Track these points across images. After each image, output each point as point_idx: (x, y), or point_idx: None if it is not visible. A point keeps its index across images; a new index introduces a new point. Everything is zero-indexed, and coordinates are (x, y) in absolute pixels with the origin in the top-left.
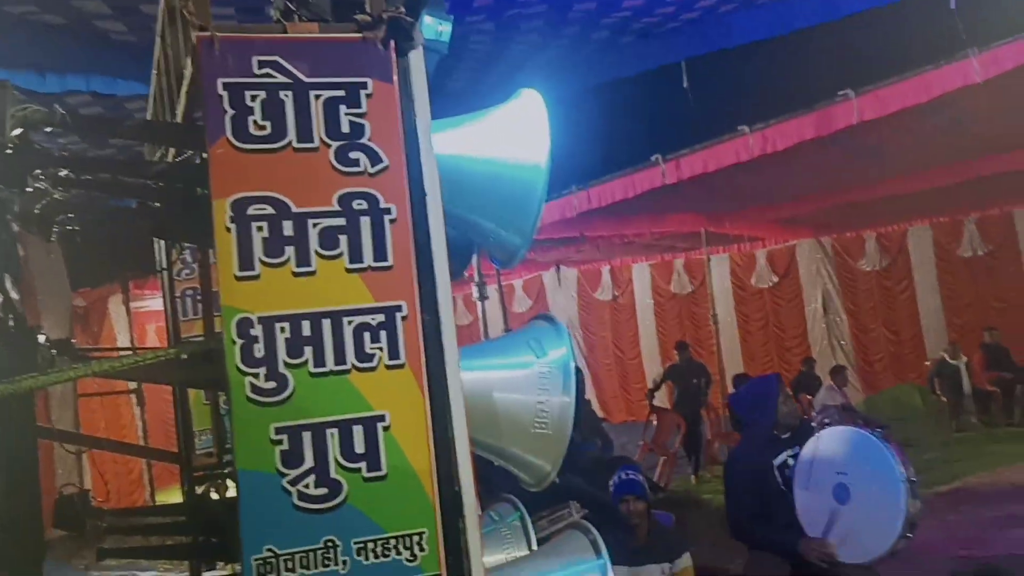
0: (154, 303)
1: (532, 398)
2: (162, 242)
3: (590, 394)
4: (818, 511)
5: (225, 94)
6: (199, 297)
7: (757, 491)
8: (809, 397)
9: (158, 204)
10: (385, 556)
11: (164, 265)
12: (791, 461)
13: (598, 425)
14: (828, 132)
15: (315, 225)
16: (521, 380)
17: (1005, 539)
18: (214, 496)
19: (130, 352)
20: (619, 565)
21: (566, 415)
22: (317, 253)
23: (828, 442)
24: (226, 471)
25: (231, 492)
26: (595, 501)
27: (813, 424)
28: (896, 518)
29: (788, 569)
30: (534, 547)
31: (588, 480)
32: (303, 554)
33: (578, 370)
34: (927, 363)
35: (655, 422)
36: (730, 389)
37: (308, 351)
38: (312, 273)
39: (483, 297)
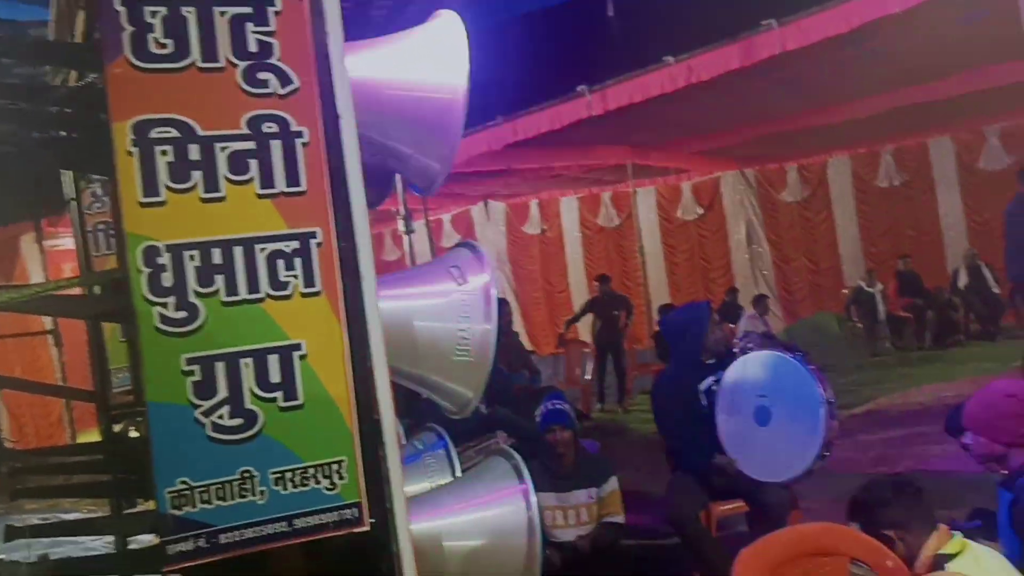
0: (69, 241)
1: (453, 326)
2: (70, 173)
3: (518, 326)
4: (740, 433)
5: (123, 10)
6: (112, 232)
7: (683, 413)
8: (732, 325)
9: (62, 133)
10: (304, 485)
11: (72, 195)
12: (715, 386)
13: (526, 357)
14: (752, 62)
15: (223, 149)
16: (442, 308)
17: (912, 455)
18: (133, 434)
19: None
20: (546, 492)
21: (488, 342)
22: (226, 178)
23: (749, 366)
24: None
25: None
26: (523, 430)
27: (735, 350)
28: (814, 439)
29: (710, 487)
30: (458, 475)
31: (516, 410)
32: (219, 486)
33: (505, 302)
34: (845, 291)
35: (564, 354)
36: (656, 320)
37: (219, 280)
38: (221, 199)
39: (409, 231)
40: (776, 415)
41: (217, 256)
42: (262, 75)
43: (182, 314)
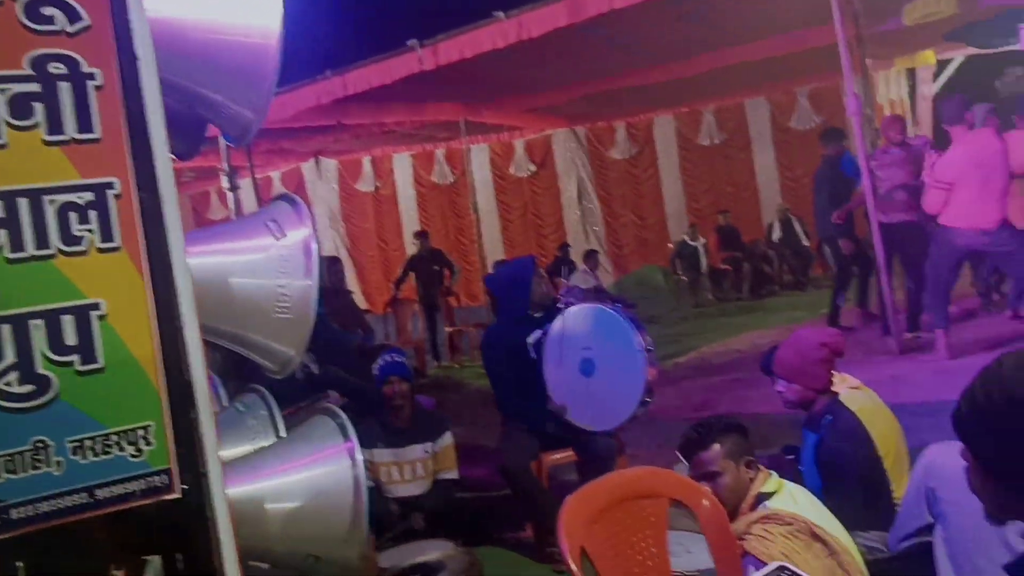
0: None
1: (271, 282)
2: None
3: (352, 285)
4: (567, 384)
5: None
6: None
7: (512, 367)
8: (562, 280)
9: None
10: (106, 453)
11: None
12: (543, 339)
13: (360, 316)
14: (580, 20)
15: (3, 91)
16: (259, 263)
17: (731, 400)
18: None
19: None
20: (382, 448)
21: (309, 298)
22: (8, 123)
23: (573, 319)
24: None
25: None
26: (357, 389)
27: (560, 304)
28: (636, 386)
29: (539, 441)
30: (282, 436)
31: (350, 369)
32: (8, 457)
33: (337, 260)
34: (670, 245)
35: (393, 314)
36: None
37: (3, 234)
38: (3, 146)
39: (233, 187)
40: (600, 366)
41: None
42: (46, 10)
43: None
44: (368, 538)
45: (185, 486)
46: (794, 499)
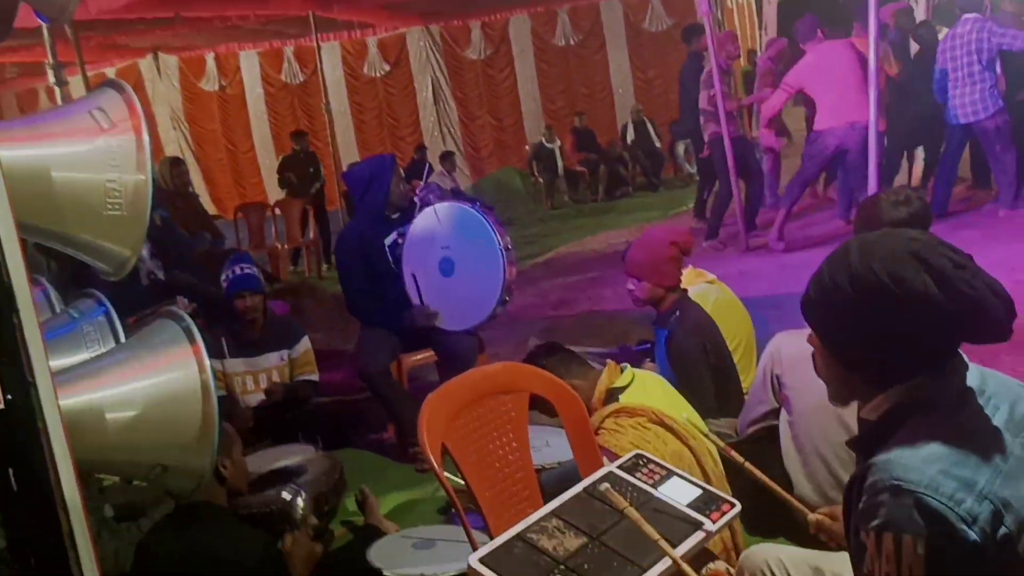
0: None
1: (99, 176)
2: None
3: (200, 188)
4: (426, 285)
5: None
6: None
7: (368, 269)
8: (420, 182)
9: None
10: None
11: None
12: (401, 240)
13: (208, 219)
14: None
15: None
16: (84, 156)
17: (587, 298)
18: None
19: None
20: (235, 358)
21: (142, 194)
22: None
23: (431, 218)
24: None
25: None
26: (206, 295)
27: (416, 202)
28: (496, 285)
29: (398, 343)
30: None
31: (198, 275)
32: None
33: (180, 160)
34: (527, 147)
35: (279, 213)
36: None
37: None
38: None
39: (61, 82)
40: (459, 265)
41: None
42: None
43: None
44: (225, 443)
45: (9, 396)
46: (646, 389)
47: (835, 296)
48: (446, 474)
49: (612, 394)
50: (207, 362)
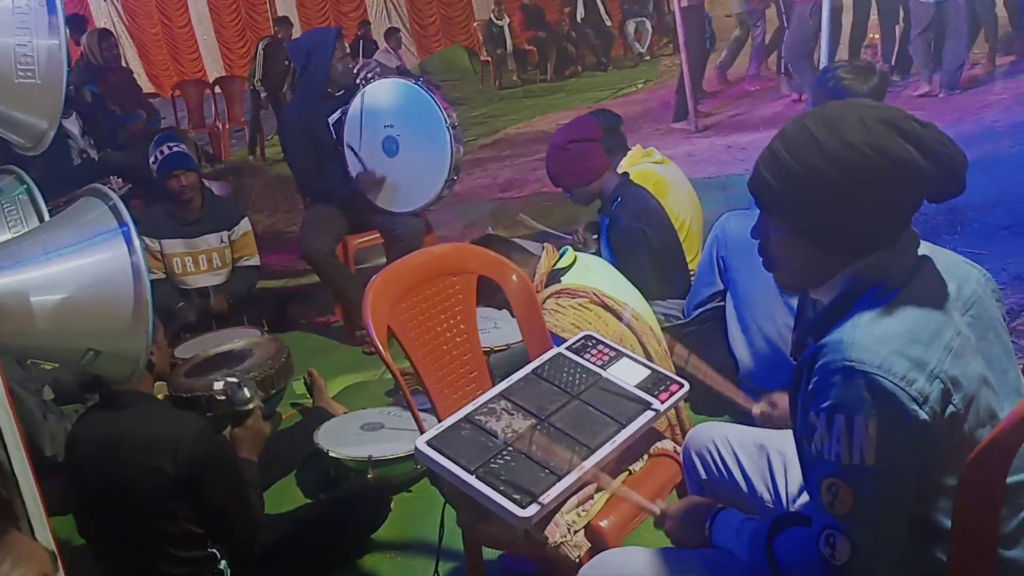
0: None
1: (8, 40)
2: None
3: (135, 64)
4: (369, 164)
5: None
6: None
7: (313, 146)
8: (365, 59)
9: None
10: None
11: None
12: (343, 118)
13: (142, 96)
14: None
15: None
16: None
17: (536, 179)
18: None
19: None
20: (173, 238)
21: (57, 60)
22: None
23: (373, 96)
24: None
25: None
26: (140, 175)
27: (357, 80)
28: (443, 164)
29: (344, 224)
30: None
31: (133, 154)
32: None
33: (108, 33)
34: (475, 24)
35: (220, 91)
36: None
37: None
38: None
39: None
40: (404, 144)
41: None
42: None
43: None
44: (155, 328)
45: None
46: (588, 271)
47: (805, 177)
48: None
49: (555, 276)
50: (137, 242)
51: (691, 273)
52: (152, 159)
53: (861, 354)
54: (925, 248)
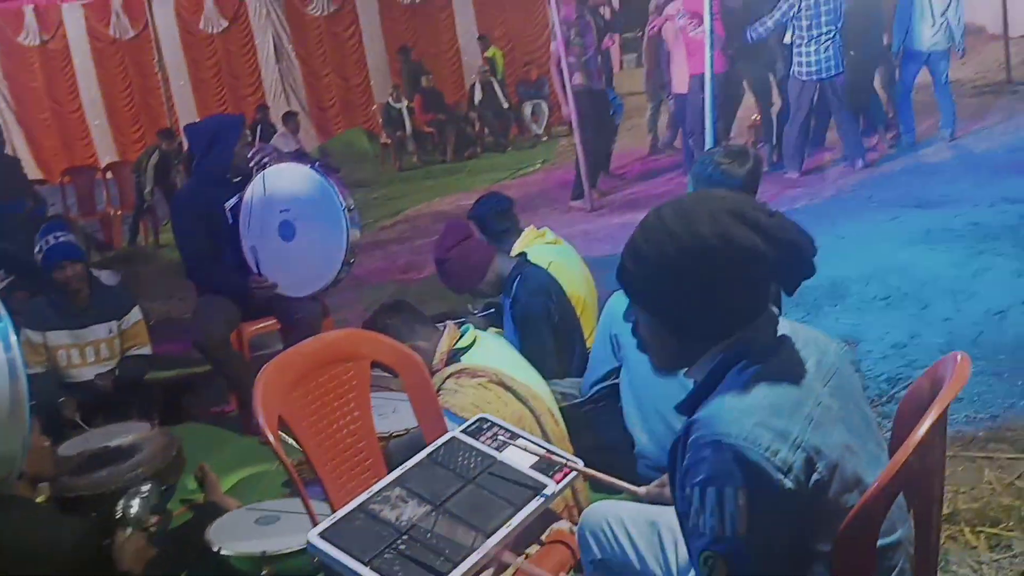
0: None
1: None
2: None
3: (22, 152)
4: (266, 250)
5: None
6: None
7: (207, 232)
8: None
9: None
10: None
11: None
12: (240, 203)
13: (26, 183)
14: None
15: None
16: None
17: (430, 261)
18: None
19: None
20: (59, 330)
21: None
22: None
23: (270, 180)
24: None
25: None
26: (25, 265)
27: (251, 164)
28: (339, 247)
29: (237, 310)
30: None
31: (16, 244)
32: None
33: None
34: (375, 107)
35: (111, 177)
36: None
37: None
38: None
39: None
40: (300, 228)
41: None
42: None
43: None
44: (33, 426)
45: None
46: (488, 350)
47: (660, 265)
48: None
49: (455, 355)
50: (13, 339)
51: (588, 351)
52: (37, 249)
53: (728, 428)
54: (785, 325)
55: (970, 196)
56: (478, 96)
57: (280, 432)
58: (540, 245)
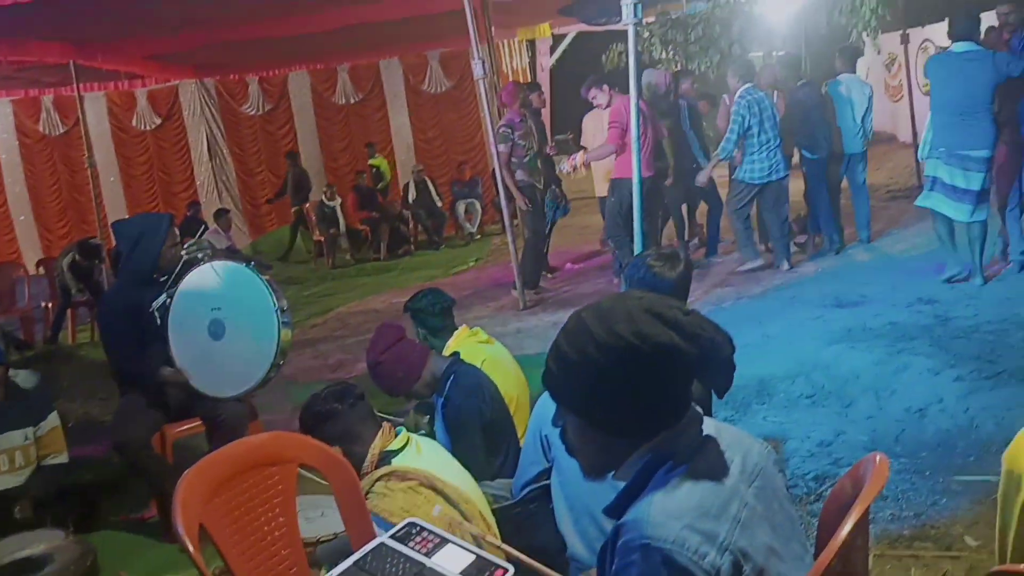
0: None
1: None
2: None
3: None
4: (194, 349)
5: None
6: None
7: (134, 332)
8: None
9: None
10: None
11: None
12: (170, 302)
13: None
14: None
15: None
16: None
17: (361, 359)
18: None
19: None
20: None
21: None
22: None
23: (200, 278)
24: None
25: None
26: None
27: (182, 262)
28: (269, 349)
29: (160, 412)
30: None
31: None
32: None
33: None
34: (307, 205)
35: (43, 272)
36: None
37: None
38: None
39: None
40: (230, 327)
41: None
42: None
43: None
44: None
45: None
46: (419, 453)
47: (583, 366)
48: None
49: (386, 457)
50: None
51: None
52: None
53: (656, 531)
54: (710, 425)
55: (888, 297)
56: (412, 194)
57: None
58: (473, 344)
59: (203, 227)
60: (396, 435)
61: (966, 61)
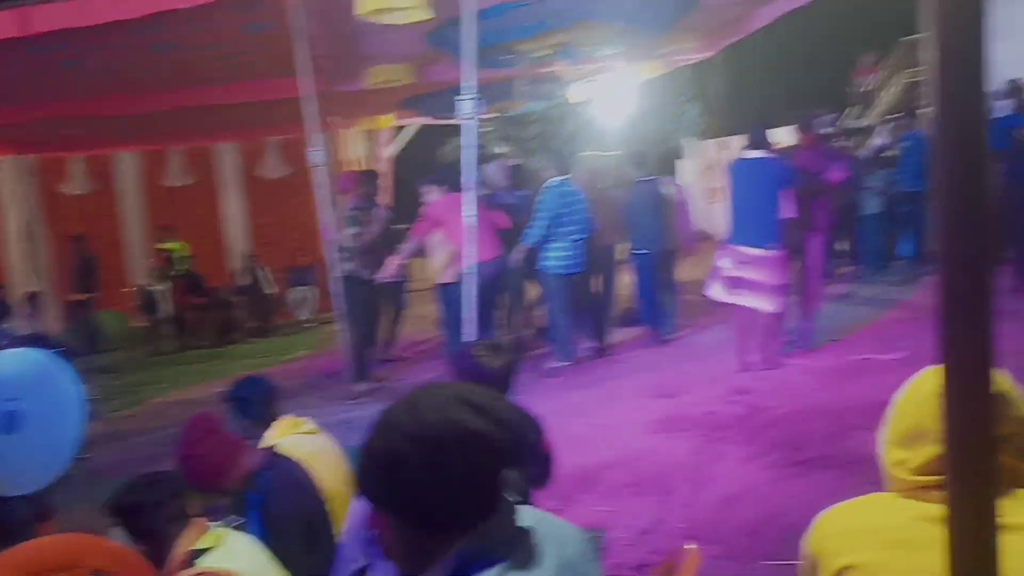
0: None
1: None
2: None
3: None
4: None
5: None
6: None
7: None
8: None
9: None
10: None
11: None
12: None
13: None
14: (29, 34)
15: None
16: None
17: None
18: None
19: None
20: None
21: None
22: None
23: None
24: None
25: None
26: None
27: None
28: (68, 442)
29: None
30: None
31: None
32: None
33: None
34: (131, 289)
35: None
36: None
37: None
38: None
39: None
40: (29, 419)
41: None
42: None
43: None
44: None
45: None
46: (232, 552)
47: (391, 457)
48: None
49: (194, 556)
50: None
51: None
52: None
53: None
54: (529, 516)
55: (705, 387)
56: (242, 280)
57: None
58: (295, 436)
59: (10, 311)
60: (207, 533)
61: (753, 167)
